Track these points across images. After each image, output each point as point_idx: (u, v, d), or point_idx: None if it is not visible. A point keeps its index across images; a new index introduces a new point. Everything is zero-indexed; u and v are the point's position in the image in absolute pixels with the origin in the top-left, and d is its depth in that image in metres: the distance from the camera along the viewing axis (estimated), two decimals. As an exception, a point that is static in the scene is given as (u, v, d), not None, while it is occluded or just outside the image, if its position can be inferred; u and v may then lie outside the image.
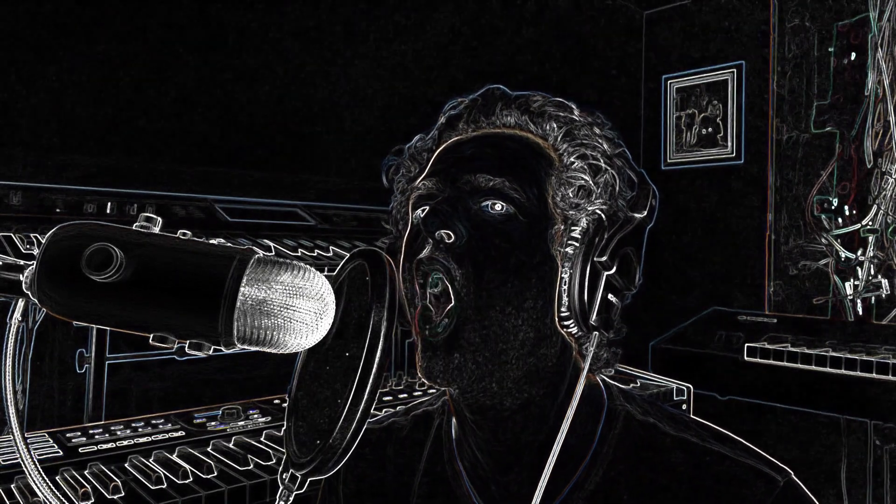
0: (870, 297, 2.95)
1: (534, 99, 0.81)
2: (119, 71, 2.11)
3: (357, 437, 0.61)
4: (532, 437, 0.78)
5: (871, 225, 2.95)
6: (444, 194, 0.75)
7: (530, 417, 0.77)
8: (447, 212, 0.72)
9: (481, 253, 0.72)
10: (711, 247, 3.43)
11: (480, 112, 0.81)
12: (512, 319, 0.73)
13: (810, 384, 2.59)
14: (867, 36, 2.98)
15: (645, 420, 0.81)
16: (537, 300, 0.74)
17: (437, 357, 0.72)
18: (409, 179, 0.85)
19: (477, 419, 0.78)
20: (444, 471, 0.85)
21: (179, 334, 0.55)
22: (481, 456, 0.80)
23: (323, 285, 0.57)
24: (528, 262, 0.73)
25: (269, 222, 2.22)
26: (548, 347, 0.76)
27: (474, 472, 0.82)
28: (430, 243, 0.72)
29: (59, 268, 0.53)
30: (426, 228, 0.71)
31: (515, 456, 0.78)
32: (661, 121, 3.69)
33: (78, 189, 1.91)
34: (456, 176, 0.75)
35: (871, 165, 2.96)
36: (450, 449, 0.85)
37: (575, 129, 0.79)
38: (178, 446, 1.68)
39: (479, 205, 0.74)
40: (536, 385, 0.76)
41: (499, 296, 0.72)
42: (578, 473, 0.78)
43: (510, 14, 3.14)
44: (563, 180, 0.76)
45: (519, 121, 0.80)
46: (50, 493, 0.58)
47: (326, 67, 2.56)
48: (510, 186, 0.74)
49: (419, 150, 0.85)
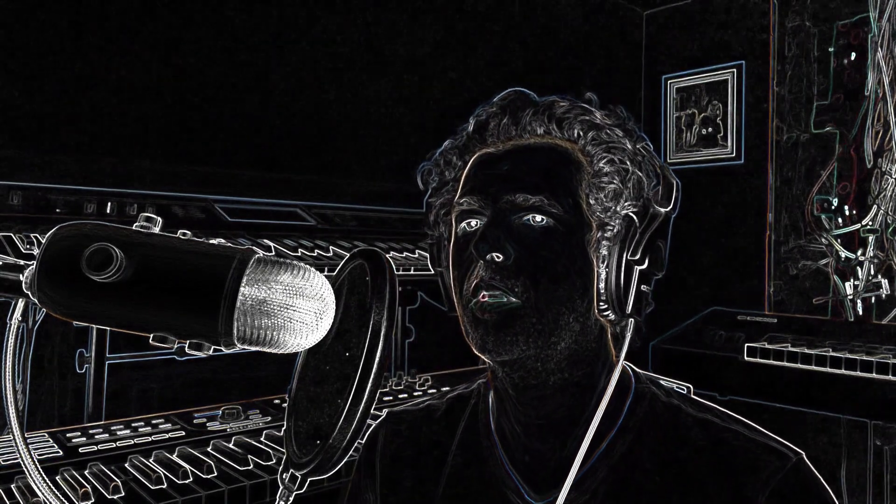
0: (870, 297, 2.95)
1: (559, 105, 0.86)
2: (119, 71, 2.10)
3: (357, 437, 0.61)
4: (568, 413, 0.84)
5: (871, 225, 2.95)
6: (487, 212, 0.81)
7: (569, 395, 0.84)
8: (495, 235, 0.79)
9: (531, 265, 0.79)
10: (711, 247, 3.43)
11: (510, 122, 0.86)
12: (564, 318, 0.80)
13: (810, 384, 2.59)
14: (867, 36, 2.98)
15: (669, 402, 0.87)
16: (583, 299, 0.81)
17: (491, 333, 0.79)
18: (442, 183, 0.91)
19: (519, 396, 0.84)
20: (478, 442, 0.91)
21: (179, 334, 0.55)
22: (518, 428, 0.86)
23: (323, 285, 0.57)
24: (571, 267, 0.80)
25: (269, 222, 2.21)
26: (589, 334, 0.83)
27: (508, 443, 0.88)
28: (481, 265, 0.79)
29: (59, 268, 0.53)
30: (478, 253, 0.78)
31: (550, 429, 0.85)
32: (661, 121, 3.69)
33: (78, 189, 1.91)
34: (497, 195, 0.81)
35: (871, 165, 2.96)
36: (486, 423, 0.92)
37: (601, 133, 0.84)
38: (178, 446, 1.68)
39: (522, 220, 0.80)
40: (577, 367, 0.83)
41: (554, 300, 0.79)
42: (605, 444, 0.84)
43: (510, 14, 3.14)
44: (594, 185, 0.83)
45: (547, 129, 0.85)
46: (50, 493, 0.58)
47: (327, 67, 2.56)
48: (548, 203, 0.80)
49: (450, 156, 0.91)
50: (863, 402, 2.48)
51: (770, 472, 0.78)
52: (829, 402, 2.56)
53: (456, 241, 0.86)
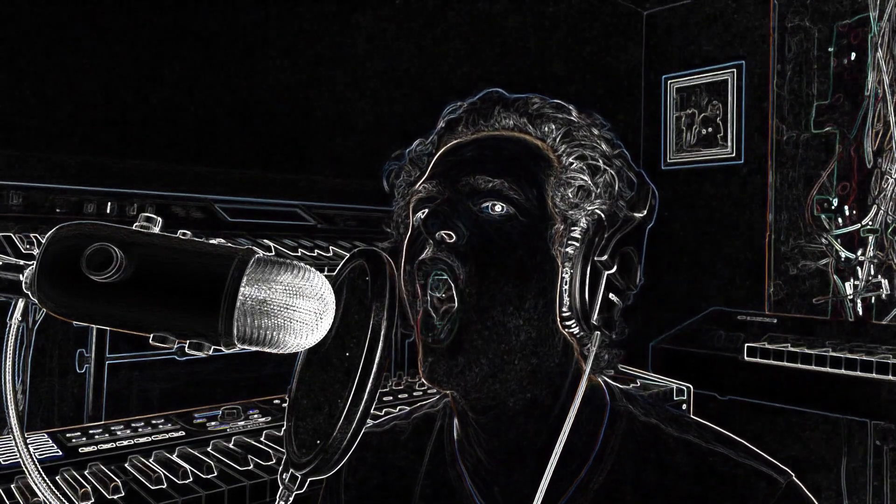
0: (870, 297, 2.95)
1: (532, 101, 0.81)
2: (119, 70, 2.11)
3: (357, 438, 0.61)
4: (535, 438, 0.78)
5: (871, 225, 2.95)
6: (444, 196, 0.75)
7: (533, 418, 0.77)
8: (447, 212, 0.72)
9: (483, 252, 0.72)
10: (711, 247, 3.43)
11: (479, 115, 0.82)
12: (513, 319, 0.73)
13: (810, 384, 2.59)
14: (867, 36, 2.98)
15: (647, 421, 0.81)
16: (538, 300, 0.74)
17: (441, 361, 0.73)
18: (410, 183, 0.85)
19: (480, 419, 0.78)
20: (446, 472, 0.85)
21: (179, 334, 0.55)
22: (484, 456, 0.80)
23: (323, 285, 0.57)
24: (528, 261, 0.74)
25: (269, 222, 2.21)
26: (550, 347, 0.76)
27: (476, 474, 0.82)
28: (430, 245, 0.73)
29: (59, 268, 0.53)
30: (427, 230, 0.72)
31: (518, 457, 0.78)
32: (661, 121, 3.69)
33: (78, 189, 1.91)
34: (455, 178, 0.76)
35: (871, 165, 2.96)
36: (452, 451, 0.85)
37: (573, 130, 0.80)
38: (178, 446, 1.68)
39: (479, 206, 0.74)
40: (539, 385, 0.76)
41: (501, 295, 0.72)
42: (582, 474, 0.78)
43: (510, 14, 3.14)
44: (562, 181, 0.77)
45: (517, 123, 0.81)
46: (50, 493, 0.58)
47: (327, 67, 2.56)
48: (509, 187, 0.74)
49: (419, 155, 0.86)
50: (863, 402, 2.48)
51: (761, 499, 0.73)
52: (829, 402, 2.56)
53: (410, 234, 0.79)
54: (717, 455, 0.77)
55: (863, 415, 2.54)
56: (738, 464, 0.76)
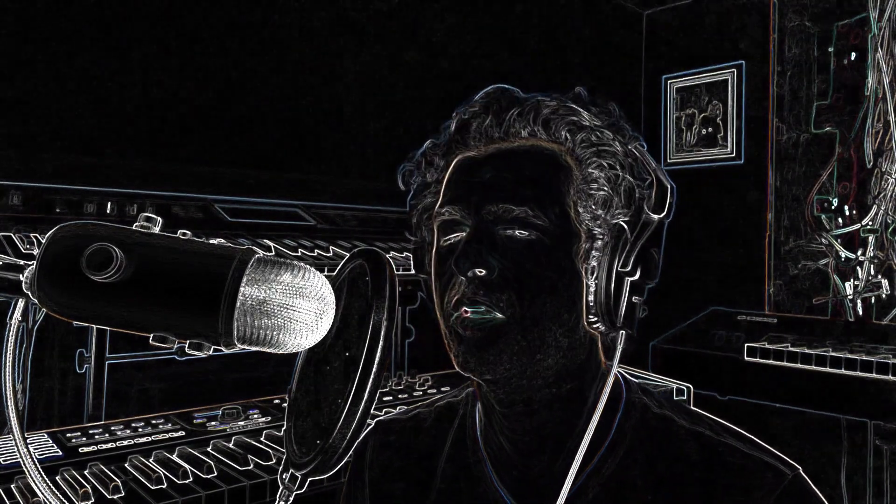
0: (870, 297, 2.95)
1: (545, 105, 0.81)
2: (119, 70, 2.10)
3: (357, 437, 0.61)
4: (556, 428, 0.81)
5: (871, 225, 2.95)
6: (469, 222, 0.77)
7: (556, 410, 0.80)
8: (476, 250, 0.74)
9: (515, 279, 0.75)
10: (711, 247, 3.43)
11: (493, 125, 0.81)
12: (551, 334, 0.76)
13: (810, 384, 2.59)
14: (867, 36, 2.98)
15: (661, 412, 0.84)
16: (571, 313, 0.78)
17: (474, 351, 0.75)
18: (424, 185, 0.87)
19: (505, 411, 0.81)
20: (467, 457, 0.88)
21: (179, 334, 0.55)
22: (505, 443, 0.83)
23: (323, 285, 0.57)
24: (558, 281, 0.77)
25: (269, 222, 2.21)
26: (578, 347, 0.80)
27: (497, 459, 0.85)
28: (463, 281, 0.75)
29: (59, 268, 0.53)
30: (459, 270, 0.74)
31: (539, 444, 0.81)
32: (661, 121, 3.69)
33: (78, 189, 1.91)
34: (479, 205, 0.77)
35: (871, 165, 2.96)
36: (473, 436, 0.89)
37: (590, 135, 0.80)
38: (178, 446, 1.68)
39: (505, 233, 0.76)
40: (565, 381, 0.80)
41: (541, 316, 0.75)
42: (595, 460, 0.80)
43: (511, 14, 3.14)
44: (583, 191, 0.78)
45: (532, 131, 0.80)
46: (50, 493, 0.58)
47: (328, 67, 2.56)
48: (534, 215, 0.76)
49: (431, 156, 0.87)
50: (863, 402, 2.48)
51: (767, 489, 0.75)
52: (829, 402, 2.56)
53: (438, 251, 0.82)
54: (726, 446, 0.79)
55: (863, 415, 2.54)
56: (746, 455, 0.78)
